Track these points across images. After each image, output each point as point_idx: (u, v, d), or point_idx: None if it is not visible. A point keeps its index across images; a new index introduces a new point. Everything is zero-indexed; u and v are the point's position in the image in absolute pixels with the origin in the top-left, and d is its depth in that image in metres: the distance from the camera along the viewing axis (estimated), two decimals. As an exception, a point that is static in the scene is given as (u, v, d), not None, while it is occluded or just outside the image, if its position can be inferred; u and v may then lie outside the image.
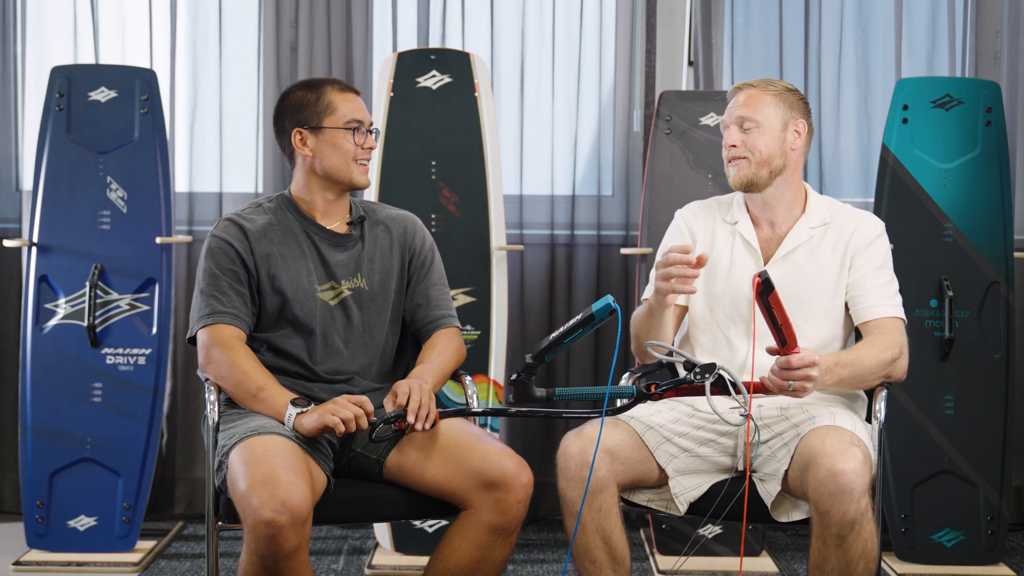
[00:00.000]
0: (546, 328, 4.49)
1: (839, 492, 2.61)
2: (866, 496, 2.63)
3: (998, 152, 3.96)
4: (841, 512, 2.62)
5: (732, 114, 3.00)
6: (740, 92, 3.02)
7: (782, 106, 2.99)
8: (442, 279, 3.10)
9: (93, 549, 3.96)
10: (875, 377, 2.89)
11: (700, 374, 2.66)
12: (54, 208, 4.00)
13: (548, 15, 4.49)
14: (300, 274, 2.95)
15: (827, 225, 3.02)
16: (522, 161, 4.50)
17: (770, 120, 2.97)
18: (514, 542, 2.83)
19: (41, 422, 3.95)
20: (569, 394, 2.76)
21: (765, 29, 4.52)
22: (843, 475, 2.61)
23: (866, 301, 2.95)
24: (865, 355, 2.86)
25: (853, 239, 3.00)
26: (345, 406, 2.75)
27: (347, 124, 2.95)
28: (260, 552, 2.59)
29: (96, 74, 4.05)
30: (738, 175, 2.98)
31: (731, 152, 2.99)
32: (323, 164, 2.97)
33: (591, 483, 2.75)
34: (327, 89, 2.97)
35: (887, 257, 3.03)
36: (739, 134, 2.98)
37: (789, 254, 3.00)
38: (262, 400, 2.83)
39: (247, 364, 2.86)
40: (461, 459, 2.79)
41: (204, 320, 2.90)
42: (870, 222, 3.03)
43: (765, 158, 2.97)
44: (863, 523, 2.63)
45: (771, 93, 2.99)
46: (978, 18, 4.46)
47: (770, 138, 2.97)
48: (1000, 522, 3.94)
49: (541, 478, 4.43)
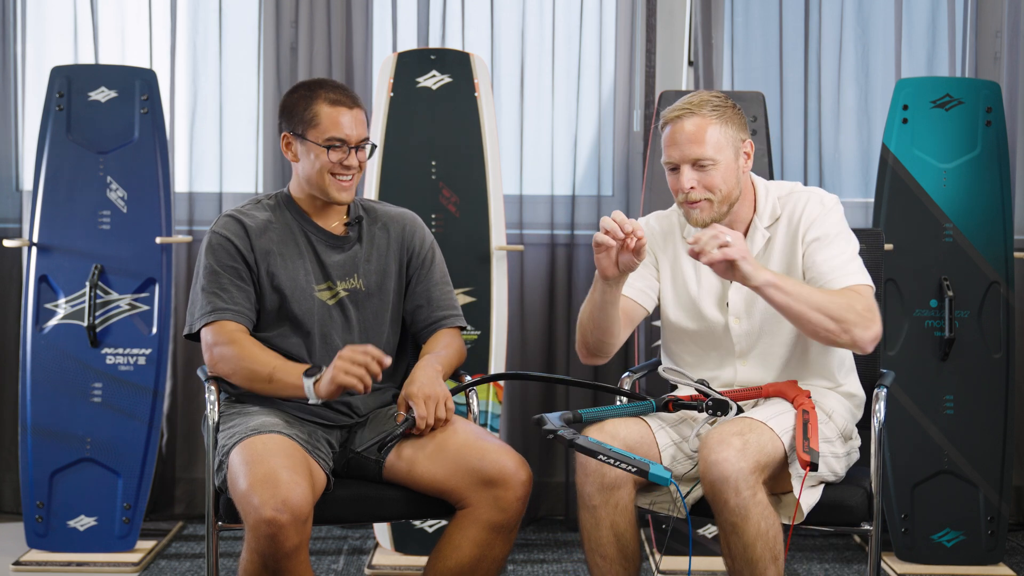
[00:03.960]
0: (546, 328, 4.49)
1: (716, 482, 2.63)
2: (748, 484, 2.62)
3: (998, 152, 3.96)
4: (722, 501, 2.64)
5: (683, 153, 2.81)
6: (680, 121, 2.83)
7: (728, 129, 2.84)
8: (444, 277, 3.10)
9: (93, 549, 3.96)
10: (830, 315, 2.72)
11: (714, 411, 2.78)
12: (54, 208, 4.00)
13: (548, 15, 4.49)
14: (298, 273, 2.95)
15: (778, 219, 2.93)
16: (522, 161, 4.50)
17: (723, 153, 2.82)
18: (514, 539, 2.83)
19: (41, 422, 3.95)
20: (594, 415, 2.83)
21: (765, 29, 4.52)
22: (716, 465, 2.63)
23: (823, 278, 2.83)
24: (819, 292, 2.76)
25: (801, 224, 2.89)
26: (352, 360, 2.72)
27: (326, 141, 2.89)
28: (261, 551, 2.59)
29: (96, 74, 4.05)
30: (701, 218, 2.84)
31: (690, 195, 2.82)
32: (303, 173, 2.96)
33: (609, 479, 2.76)
34: (320, 98, 2.91)
35: (839, 228, 2.88)
36: (694, 174, 2.82)
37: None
38: (277, 381, 2.82)
39: (254, 352, 2.85)
40: (460, 457, 2.79)
41: (206, 318, 2.89)
42: (815, 201, 2.90)
43: (725, 195, 2.84)
44: (750, 508, 2.63)
45: (714, 118, 2.82)
46: (978, 18, 4.46)
47: (727, 172, 2.84)
48: (1000, 522, 3.94)
49: (540, 478, 4.46)
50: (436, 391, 2.84)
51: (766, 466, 2.68)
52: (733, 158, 2.85)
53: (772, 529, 2.66)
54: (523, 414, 4.47)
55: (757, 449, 2.66)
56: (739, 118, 2.88)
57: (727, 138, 2.84)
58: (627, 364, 4.41)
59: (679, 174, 2.83)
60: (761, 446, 2.67)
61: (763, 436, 2.69)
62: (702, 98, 2.85)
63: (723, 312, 2.94)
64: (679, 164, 2.83)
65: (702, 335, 2.96)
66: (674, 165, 2.84)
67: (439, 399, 2.83)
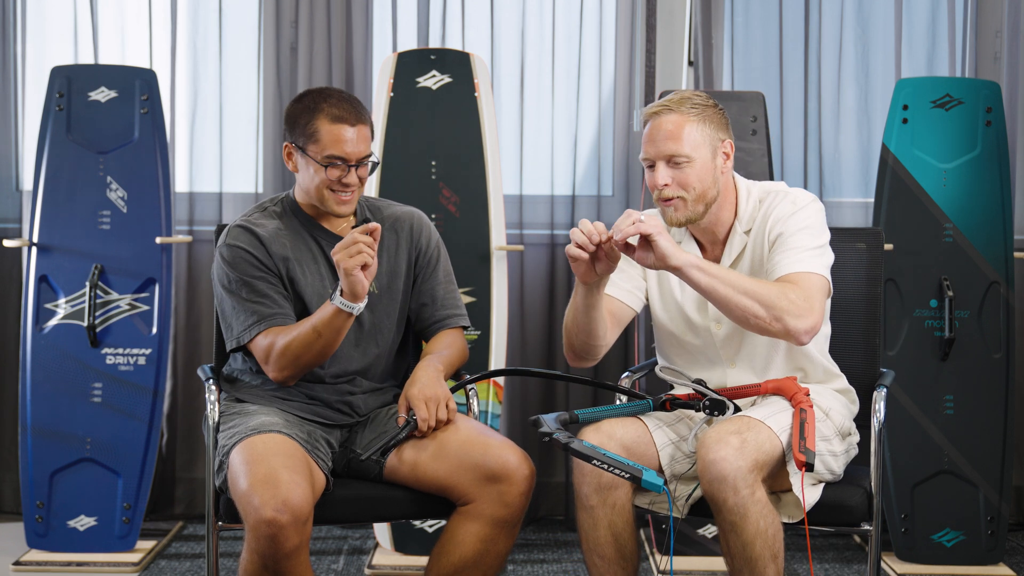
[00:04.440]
0: (546, 328, 4.50)
1: (714, 481, 2.63)
2: (746, 483, 2.62)
3: (998, 152, 3.96)
4: (721, 499, 2.63)
5: (658, 149, 2.79)
6: (659, 117, 2.81)
7: (707, 128, 2.80)
8: (449, 276, 3.09)
9: (93, 549, 3.96)
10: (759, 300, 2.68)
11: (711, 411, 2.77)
12: (54, 208, 4.00)
13: (548, 15, 4.49)
14: (316, 279, 2.94)
15: (756, 223, 2.89)
16: (522, 161, 4.50)
17: (699, 151, 2.79)
18: (516, 535, 2.83)
19: (41, 422, 3.95)
20: (590, 416, 2.82)
21: (765, 29, 4.52)
22: (714, 464, 2.62)
23: (772, 265, 2.80)
24: (750, 279, 2.72)
25: (771, 226, 2.85)
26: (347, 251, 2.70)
27: (325, 159, 2.86)
28: (261, 552, 2.59)
29: (96, 74, 4.05)
30: (675, 217, 2.81)
31: (663, 192, 2.80)
32: (302, 185, 2.95)
33: (606, 479, 2.76)
34: (322, 113, 2.87)
35: (806, 223, 2.82)
36: (668, 171, 2.79)
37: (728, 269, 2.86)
38: (322, 329, 2.77)
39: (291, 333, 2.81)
40: (462, 453, 2.78)
41: (255, 328, 2.85)
42: (788, 201, 2.86)
43: (700, 193, 2.80)
44: (748, 507, 2.63)
45: (693, 116, 2.79)
46: (978, 18, 4.46)
47: (702, 170, 2.80)
48: (1000, 522, 3.94)
49: (540, 478, 4.46)
50: (437, 392, 2.84)
51: (764, 464, 2.68)
52: (710, 157, 2.81)
53: (771, 527, 2.66)
54: (523, 414, 4.47)
55: (755, 447, 2.66)
56: (720, 118, 2.84)
57: (704, 136, 2.80)
58: (627, 364, 4.41)
59: (655, 171, 2.81)
60: (759, 444, 2.67)
61: (761, 434, 2.69)
62: (683, 96, 2.82)
63: (705, 317, 2.93)
64: (655, 160, 2.80)
65: (690, 340, 2.95)
66: (651, 162, 2.82)
67: (440, 400, 2.83)
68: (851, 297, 3.13)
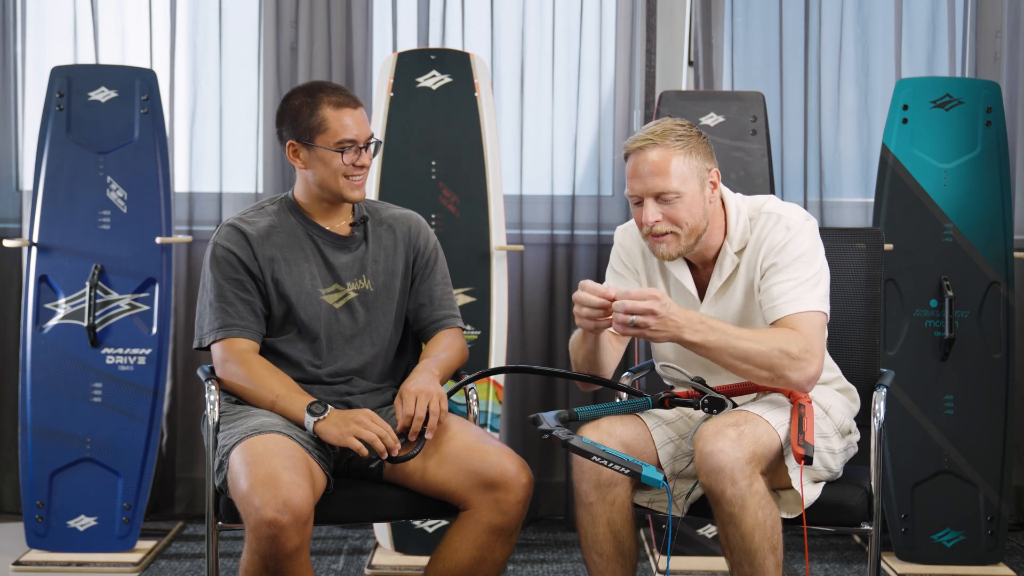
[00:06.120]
0: (546, 328, 4.50)
1: (711, 472, 2.63)
2: (744, 474, 2.62)
3: (998, 152, 3.96)
4: (718, 491, 2.63)
5: (645, 186, 2.73)
6: (643, 152, 2.73)
7: (693, 160, 2.74)
8: (446, 278, 3.10)
9: (93, 549, 3.96)
10: (758, 365, 2.68)
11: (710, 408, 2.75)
12: (54, 208, 4.00)
13: (548, 15, 4.49)
14: (303, 278, 2.94)
15: (747, 243, 2.85)
16: (522, 161, 4.50)
17: (688, 184, 2.73)
18: (514, 542, 2.83)
19: (41, 422, 3.95)
20: (590, 414, 2.82)
21: (765, 29, 4.52)
22: (712, 456, 2.62)
23: (769, 304, 2.76)
24: (747, 334, 2.69)
25: (763, 248, 2.82)
26: (367, 426, 2.75)
27: (337, 145, 2.89)
28: (262, 552, 2.59)
29: (96, 74, 4.05)
30: (668, 252, 2.78)
31: (654, 228, 2.75)
32: (314, 178, 2.95)
33: (605, 477, 2.76)
34: (323, 103, 2.91)
35: (801, 250, 2.78)
36: (657, 207, 2.74)
37: (720, 290, 2.88)
38: (280, 410, 2.84)
39: (261, 376, 2.87)
40: (461, 459, 2.79)
41: (215, 334, 2.91)
42: (781, 226, 2.80)
43: (692, 228, 2.76)
44: (747, 498, 2.62)
45: (679, 149, 2.73)
46: (978, 18, 4.46)
47: (692, 204, 2.74)
48: (1000, 522, 3.94)
49: (540, 478, 4.46)
50: (429, 388, 2.84)
51: (762, 457, 2.68)
52: (699, 189, 2.76)
53: (770, 519, 2.66)
54: (523, 414, 4.47)
55: (753, 439, 2.66)
56: (705, 147, 2.78)
57: (692, 169, 2.74)
58: (627, 364, 4.41)
59: (643, 207, 2.76)
60: (756, 437, 2.67)
61: (758, 427, 2.69)
62: (665, 127, 2.76)
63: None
64: (642, 197, 2.75)
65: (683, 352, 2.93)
66: (638, 198, 2.76)
67: (433, 395, 2.82)
68: (851, 297, 3.13)
